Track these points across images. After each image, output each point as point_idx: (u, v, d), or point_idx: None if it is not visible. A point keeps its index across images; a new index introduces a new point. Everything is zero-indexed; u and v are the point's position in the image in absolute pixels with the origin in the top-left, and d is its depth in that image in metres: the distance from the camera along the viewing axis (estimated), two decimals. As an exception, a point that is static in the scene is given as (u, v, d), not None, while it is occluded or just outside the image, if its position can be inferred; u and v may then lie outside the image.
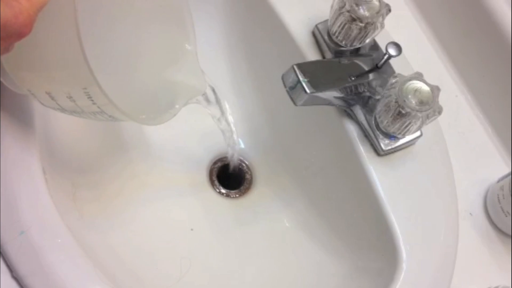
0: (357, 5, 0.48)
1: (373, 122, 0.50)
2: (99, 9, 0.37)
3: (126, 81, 0.48)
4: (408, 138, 0.50)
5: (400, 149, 0.51)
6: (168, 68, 0.49)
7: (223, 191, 0.61)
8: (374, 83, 0.50)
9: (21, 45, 0.35)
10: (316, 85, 0.46)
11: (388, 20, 0.49)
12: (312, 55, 0.53)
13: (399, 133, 0.49)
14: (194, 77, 0.49)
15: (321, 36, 0.53)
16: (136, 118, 0.42)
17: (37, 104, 0.47)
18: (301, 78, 0.45)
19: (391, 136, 0.50)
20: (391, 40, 0.48)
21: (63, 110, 0.41)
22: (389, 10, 0.49)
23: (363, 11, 0.49)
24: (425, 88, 0.47)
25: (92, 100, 0.38)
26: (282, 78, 0.47)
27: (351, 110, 0.51)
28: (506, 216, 0.53)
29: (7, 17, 0.31)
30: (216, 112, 0.53)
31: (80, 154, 0.53)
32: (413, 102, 0.46)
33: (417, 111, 0.46)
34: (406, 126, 0.48)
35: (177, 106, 0.48)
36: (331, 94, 0.48)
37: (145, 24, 0.49)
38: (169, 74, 0.50)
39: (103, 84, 0.36)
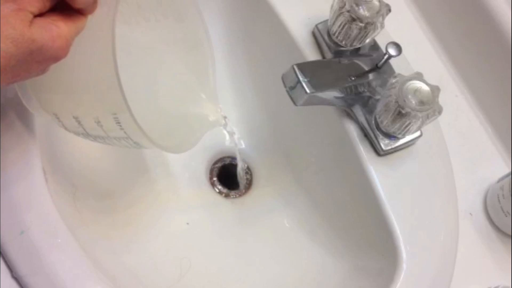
0: (357, 5, 0.48)
1: (373, 122, 0.50)
2: (129, 37, 0.38)
3: (150, 109, 0.49)
4: (408, 138, 0.50)
5: (400, 149, 0.51)
6: (188, 99, 0.51)
7: (223, 191, 0.61)
8: (374, 83, 0.50)
9: (51, 67, 0.35)
10: (316, 85, 0.46)
11: (388, 20, 0.49)
12: (312, 55, 0.53)
13: (399, 133, 0.49)
14: (212, 110, 0.51)
15: (321, 36, 0.53)
16: (161, 146, 0.42)
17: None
18: (301, 78, 0.45)
19: (391, 136, 0.50)
20: (391, 40, 0.48)
21: (87, 135, 0.42)
22: (389, 10, 0.49)
23: (363, 11, 0.49)
24: (425, 88, 0.47)
25: (120, 126, 0.39)
26: (282, 78, 0.47)
27: (351, 110, 0.51)
28: (506, 216, 0.53)
29: (45, 40, 0.32)
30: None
31: (80, 154, 0.53)
32: (413, 102, 0.46)
33: (417, 111, 0.46)
34: (406, 126, 0.48)
35: (197, 135, 0.50)
36: (331, 94, 0.48)
37: (167, 54, 0.50)
38: (189, 105, 0.51)
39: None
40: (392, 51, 0.48)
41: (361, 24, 0.49)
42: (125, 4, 0.38)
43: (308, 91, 0.45)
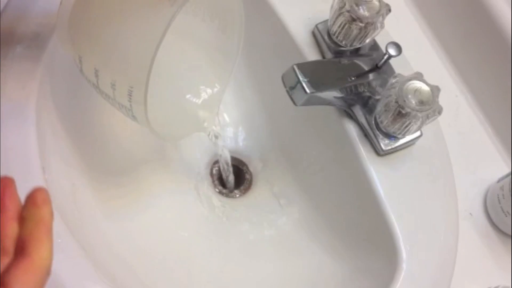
0: (357, 5, 0.48)
1: (373, 122, 0.50)
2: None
3: (160, 92, 0.50)
4: (408, 138, 0.50)
5: (400, 149, 0.51)
6: (196, 97, 0.52)
7: (223, 191, 0.61)
8: (374, 83, 0.50)
9: (95, 17, 0.38)
10: (316, 85, 0.46)
11: (388, 20, 0.49)
12: (312, 55, 0.53)
13: (399, 133, 0.49)
14: (210, 119, 0.52)
15: (321, 36, 0.53)
16: (155, 132, 0.44)
17: (37, 104, 0.47)
18: (301, 78, 0.45)
19: (391, 136, 0.50)
20: (391, 40, 0.48)
21: (96, 87, 0.43)
22: (389, 10, 0.49)
23: (363, 11, 0.49)
24: (425, 88, 0.47)
25: (130, 99, 0.41)
26: (282, 78, 0.47)
27: (351, 110, 0.51)
28: (506, 216, 0.53)
29: None
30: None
31: (80, 154, 0.53)
32: (413, 102, 0.46)
33: (417, 111, 0.46)
34: (406, 126, 0.48)
35: (185, 132, 0.52)
36: (331, 94, 0.48)
37: (197, 51, 0.52)
38: (194, 103, 0.52)
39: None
40: (392, 51, 0.48)
41: (361, 24, 0.49)
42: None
43: (308, 91, 0.45)
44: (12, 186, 0.31)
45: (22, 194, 0.42)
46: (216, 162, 0.62)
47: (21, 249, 0.30)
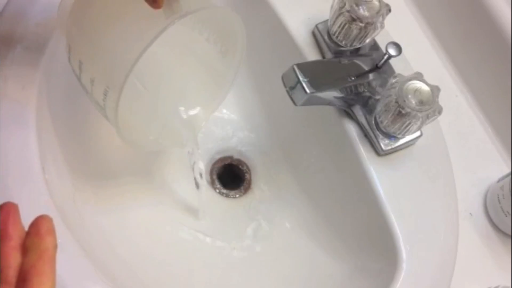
0: (357, 5, 0.48)
1: (373, 122, 0.50)
2: (176, 30, 0.40)
3: (141, 101, 0.51)
4: (408, 138, 0.50)
5: (400, 149, 0.51)
6: (180, 112, 0.52)
7: (223, 191, 0.61)
8: (374, 83, 0.50)
9: (92, 12, 0.39)
10: (316, 85, 0.46)
11: (388, 20, 0.49)
12: (312, 55, 0.53)
13: (399, 133, 0.49)
14: (189, 133, 0.52)
15: (321, 36, 0.53)
16: (123, 137, 0.44)
17: (37, 104, 0.47)
18: (301, 78, 0.45)
19: (391, 136, 0.50)
20: (391, 40, 0.48)
21: (78, 78, 0.44)
22: (389, 10, 0.49)
23: (363, 11, 0.49)
24: (425, 88, 0.47)
25: (104, 98, 0.41)
26: (282, 78, 0.47)
27: (351, 110, 0.51)
28: (506, 216, 0.53)
29: None
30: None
31: (81, 153, 0.53)
32: (413, 102, 0.46)
33: (417, 111, 0.46)
34: (406, 126, 0.48)
35: (161, 145, 0.53)
36: (331, 94, 0.48)
37: (193, 68, 0.52)
38: (176, 117, 0.52)
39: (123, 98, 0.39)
40: (392, 51, 0.48)
41: (361, 24, 0.49)
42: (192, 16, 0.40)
43: (308, 91, 0.45)
44: (15, 213, 0.30)
45: (23, 198, 0.42)
46: (217, 161, 0.62)
47: (23, 280, 0.29)
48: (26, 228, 0.31)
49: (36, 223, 0.30)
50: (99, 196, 0.53)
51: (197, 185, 0.54)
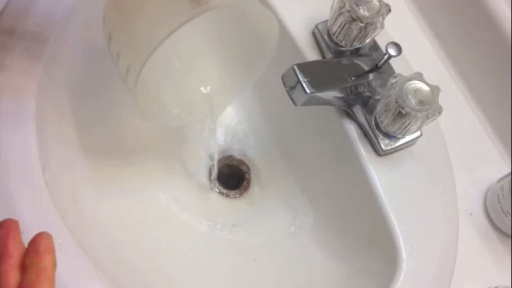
0: (357, 5, 0.48)
1: (373, 122, 0.50)
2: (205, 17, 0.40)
3: (165, 76, 0.52)
4: (408, 138, 0.50)
5: (400, 149, 0.51)
6: (204, 89, 0.54)
7: (223, 191, 0.61)
8: (374, 83, 0.50)
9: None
10: (316, 85, 0.46)
11: (388, 20, 0.49)
12: (312, 55, 0.53)
13: (399, 133, 0.49)
14: (211, 111, 0.54)
15: (321, 36, 0.53)
16: (141, 112, 0.45)
17: (37, 104, 0.47)
18: (301, 78, 0.45)
19: (391, 136, 0.50)
20: (391, 40, 0.48)
21: (108, 45, 0.45)
22: (389, 10, 0.49)
23: (363, 11, 0.49)
24: (425, 88, 0.47)
25: (127, 74, 0.42)
26: (282, 78, 0.47)
27: (351, 110, 0.51)
28: (506, 216, 0.53)
29: None
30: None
31: (81, 153, 0.53)
32: (413, 102, 0.46)
33: (417, 111, 0.46)
34: (406, 126, 0.48)
35: (179, 120, 0.54)
36: (331, 94, 0.48)
37: (220, 52, 0.53)
38: (198, 94, 0.54)
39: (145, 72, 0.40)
40: (392, 51, 0.48)
41: (361, 24, 0.49)
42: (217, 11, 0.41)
43: (308, 91, 0.45)
44: (16, 230, 0.30)
45: (23, 197, 0.42)
46: (217, 161, 0.62)
47: None
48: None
49: (35, 241, 0.31)
50: (99, 195, 0.53)
51: (211, 158, 0.56)
